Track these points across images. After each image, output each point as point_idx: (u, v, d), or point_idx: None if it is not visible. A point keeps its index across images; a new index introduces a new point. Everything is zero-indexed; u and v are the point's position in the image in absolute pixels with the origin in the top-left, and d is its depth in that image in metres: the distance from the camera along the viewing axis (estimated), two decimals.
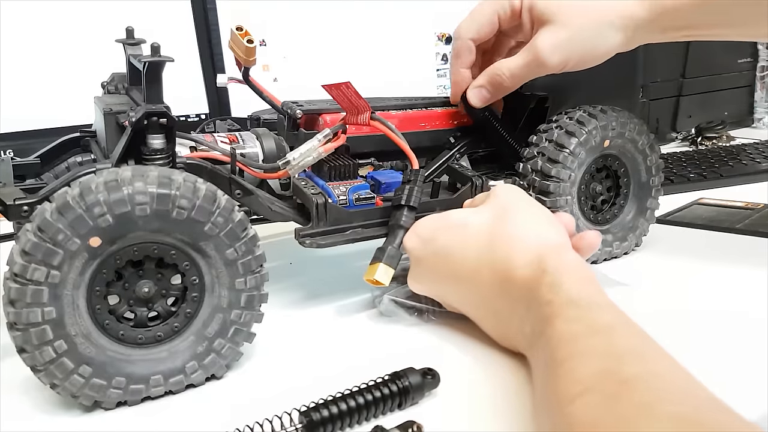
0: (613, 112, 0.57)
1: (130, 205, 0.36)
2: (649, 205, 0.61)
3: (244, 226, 0.40)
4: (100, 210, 0.36)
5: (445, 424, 0.36)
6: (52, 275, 0.35)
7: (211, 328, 0.41)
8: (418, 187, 0.50)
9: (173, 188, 0.38)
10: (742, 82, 1.25)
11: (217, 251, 0.40)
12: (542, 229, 0.44)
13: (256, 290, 0.42)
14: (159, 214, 0.37)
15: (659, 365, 0.31)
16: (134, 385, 0.39)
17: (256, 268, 0.41)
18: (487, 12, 0.56)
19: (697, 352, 0.41)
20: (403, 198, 0.49)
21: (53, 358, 0.36)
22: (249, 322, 0.42)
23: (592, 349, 0.32)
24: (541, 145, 0.56)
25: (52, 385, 0.37)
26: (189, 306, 0.40)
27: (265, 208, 0.49)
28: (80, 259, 0.36)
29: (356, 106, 0.50)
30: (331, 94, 0.49)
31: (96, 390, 0.38)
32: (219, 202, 0.39)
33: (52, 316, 0.36)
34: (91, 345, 0.37)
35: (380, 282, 0.47)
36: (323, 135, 0.49)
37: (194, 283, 0.40)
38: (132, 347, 0.39)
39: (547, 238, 0.43)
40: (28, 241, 0.35)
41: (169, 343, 0.40)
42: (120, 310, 0.39)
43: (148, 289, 0.39)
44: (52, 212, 0.36)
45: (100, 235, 0.36)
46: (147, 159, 0.44)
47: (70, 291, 0.36)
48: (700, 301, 0.49)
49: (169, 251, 0.39)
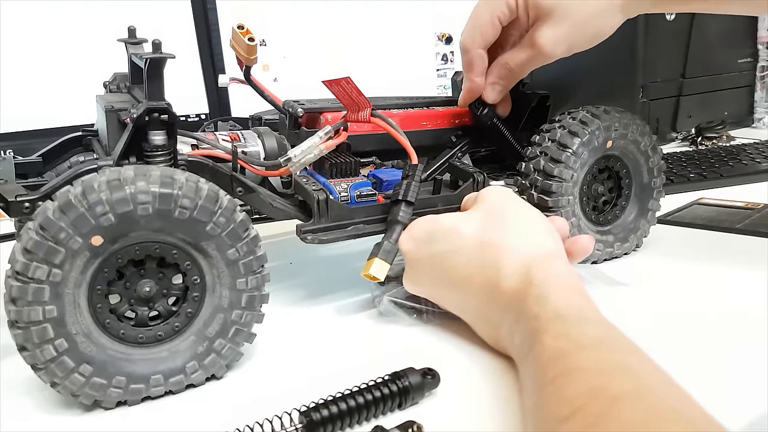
0: (616, 112, 0.57)
1: (132, 204, 0.36)
2: (650, 206, 0.61)
3: (245, 226, 0.40)
4: (102, 209, 0.36)
5: (445, 424, 0.36)
6: (53, 274, 0.35)
7: (212, 328, 0.41)
8: (415, 182, 0.50)
9: (176, 188, 0.38)
10: (742, 82, 1.25)
11: (219, 251, 0.40)
12: (532, 235, 0.43)
13: (257, 290, 0.42)
14: (161, 214, 0.37)
15: (650, 380, 0.30)
16: (134, 385, 0.39)
17: (257, 269, 0.41)
18: (486, 17, 0.56)
19: (697, 352, 0.42)
20: (400, 193, 0.49)
21: (54, 356, 0.36)
22: (250, 322, 0.42)
23: (580, 366, 0.31)
24: (544, 145, 0.56)
25: (53, 383, 0.37)
26: (190, 306, 0.40)
27: (266, 205, 0.49)
28: (82, 257, 0.36)
29: (356, 102, 0.50)
30: (332, 90, 0.49)
31: (96, 389, 0.37)
32: (221, 202, 0.39)
33: (53, 315, 0.36)
34: (92, 344, 0.37)
35: (376, 277, 0.47)
36: (324, 132, 0.49)
37: (195, 282, 0.40)
38: (132, 346, 0.39)
39: (535, 246, 0.42)
40: (30, 239, 0.35)
41: (170, 343, 0.40)
42: (121, 309, 0.39)
43: (150, 289, 0.39)
44: (54, 211, 0.36)
45: (102, 234, 0.36)
46: (148, 155, 0.44)
47: (71, 290, 0.36)
48: (700, 301, 0.49)
49: (171, 251, 0.39)
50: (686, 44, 1.14)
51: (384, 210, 0.51)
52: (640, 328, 0.46)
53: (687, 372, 0.39)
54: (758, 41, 1.25)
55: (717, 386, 0.37)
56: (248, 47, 0.51)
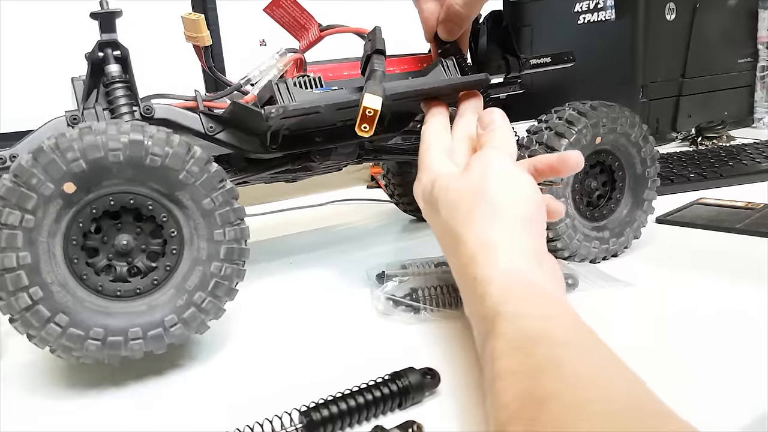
0: (604, 107, 0.56)
1: (103, 150, 0.37)
2: (646, 196, 0.60)
3: (220, 176, 0.41)
4: (73, 155, 0.36)
5: (445, 424, 0.35)
6: (26, 219, 0.36)
7: (191, 282, 0.40)
8: (378, 38, 0.49)
9: (146, 135, 0.38)
10: (742, 82, 1.25)
11: (194, 201, 0.40)
12: (487, 223, 0.40)
13: (236, 243, 0.41)
14: (133, 162, 0.38)
15: (579, 369, 0.29)
16: (112, 337, 0.38)
17: (234, 220, 0.41)
18: None
19: (697, 352, 0.41)
20: (369, 47, 0.48)
21: (29, 305, 0.36)
22: (230, 276, 0.41)
23: (513, 369, 0.31)
24: (532, 148, 0.55)
25: (29, 335, 0.37)
26: (168, 259, 0.40)
27: (240, 137, 0.50)
28: (55, 205, 0.37)
29: (302, 23, 0.48)
30: (273, 17, 0.48)
31: (73, 340, 0.37)
32: (194, 151, 0.40)
33: (27, 261, 0.36)
34: (68, 294, 0.37)
35: (371, 107, 0.44)
36: (278, 52, 0.49)
37: (173, 235, 0.40)
38: (111, 300, 0.39)
39: (484, 236, 0.39)
40: (2, 186, 0.36)
41: (149, 297, 0.40)
42: (99, 263, 0.39)
43: (127, 242, 0.39)
44: (27, 159, 0.36)
45: (74, 181, 0.37)
46: (107, 86, 0.45)
47: (45, 238, 0.37)
48: (700, 300, 0.49)
49: (146, 202, 0.39)
50: (686, 44, 1.14)
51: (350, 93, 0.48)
52: (640, 328, 0.46)
53: (687, 372, 0.39)
54: (758, 41, 1.25)
55: (717, 386, 0.37)
56: (195, 23, 0.49)
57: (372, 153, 0.62)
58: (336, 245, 0.72)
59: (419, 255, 0.60)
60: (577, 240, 0.56)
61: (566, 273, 0.53)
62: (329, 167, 0.61)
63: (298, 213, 0.91)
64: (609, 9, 1.09)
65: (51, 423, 0.38)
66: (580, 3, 1.12)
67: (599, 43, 1.10)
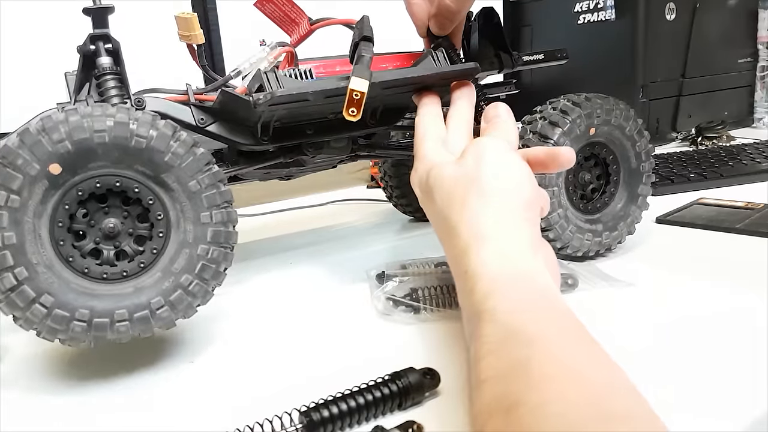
0: (598, 99, 0.56)
1: (88, 132, 0.37)
2: (640, 191, 0.59)
3: (206, 159, 0.41)
4: (58, 136, 0.37)
5: (445, 424, 0.35)
6: (11, 200, 0.36)
7: (178, 264, 0.40)
8: (366, 25, 0.49)
9: (131, 117, 0.38)
10: (742, 82, 1.25)
11: (180, 183, 0.40)
12: (478, 213, 0.39)
13: (222, 226, 0.41)
14: (118, 143, 0.38)
15: (547, 370, 0.28)
16: (98, 319, 0.38)
17: (221, 203, 0.41)
18: None
19: (698, 352, 0.41)
20: (357, 34, 0.48)
21: (14, 285, 0.36)
22: (217, 259, 0.41)
23: (484, 376, 0.30)
24: (525, 137, 0.55)
25: (15, 317, 0.37)
26: (155, 243, 0.40)
27: (231, 129, 0.50)
28: (40, 185, 0.37)
29: (292, 17, 0.48)
30: (264, 12, 0.48)
31: (59, 322, 0.37)
32: (179, 134, 0.40)
33: (12, 242, 0.36)
34: (54, 276, 0.37)
35: (358, 90, 0.44)
36: (269, 45, 0.49)
37: (159, 218, 0.40)
38: (97, 282, 0.39)
39: (475, 227, 0.39)
40: None
41: (135, 279, 0.40)
42: (86, 247, 0.39)
43: (114, 225, 0.40)
44: (14, 140, 0.37)
45: (59, 162, 0.37)
46: (99, 77, 0.45)
47: (31, 218, 0.37)
48: (700, 301, 0.49)
49: (133, 185, 0.39)
50: (686, 44, 1.14)
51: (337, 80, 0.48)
52: (640, 328, 0.46)
53: (687, 372, 0.39)
54: (758, 41, 1.25)
55: (717, 386, 0.37)
56: (187, 22, 0.49)
57: (365, 148, 0.62)
58: (336, 245, 0.72)
59: (419, 255, 0.60)
60: (570, 231, 0.56)
61: (566, 273, 0.53)
62: (323, 162, 0.61)
63: (298, 213, 0.91)
64: (609, 9, 1.09)
65: (51, 423, 0.38)
66: (580, 3, 1.12)
67: (599, 43, 1.11)
